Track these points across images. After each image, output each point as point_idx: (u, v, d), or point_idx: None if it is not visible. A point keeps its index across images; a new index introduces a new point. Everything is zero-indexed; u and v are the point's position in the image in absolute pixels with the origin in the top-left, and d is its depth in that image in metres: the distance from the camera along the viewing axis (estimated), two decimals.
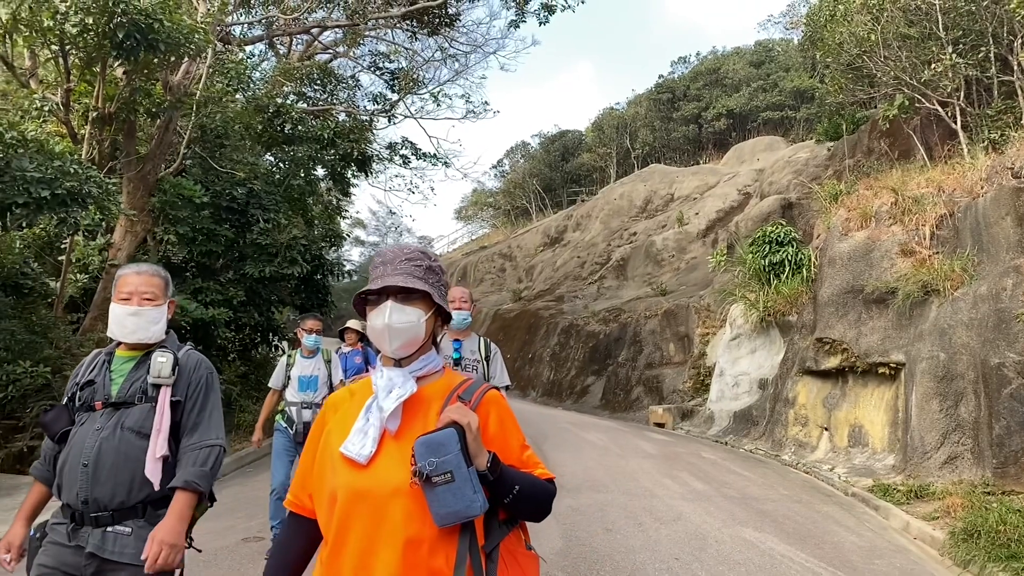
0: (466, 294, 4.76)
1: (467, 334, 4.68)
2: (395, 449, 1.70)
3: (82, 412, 2.65)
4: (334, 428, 1.82)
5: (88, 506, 2.51)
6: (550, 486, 1.84)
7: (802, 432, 12.03)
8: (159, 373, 2.65)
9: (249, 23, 14.79)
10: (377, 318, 1.78)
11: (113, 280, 2.81)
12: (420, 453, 1.59)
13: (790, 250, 14.58)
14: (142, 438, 2.57)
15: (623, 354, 20.92)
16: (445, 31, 17.43)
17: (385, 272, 1.83)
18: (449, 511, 1.57)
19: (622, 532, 6.91)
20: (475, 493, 1.59)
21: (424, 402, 1.79)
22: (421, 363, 1.84)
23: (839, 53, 14.21)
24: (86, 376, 2.72)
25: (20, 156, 7.57)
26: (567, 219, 37.18)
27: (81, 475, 2.52)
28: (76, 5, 8.36)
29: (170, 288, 2.89)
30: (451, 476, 1.57)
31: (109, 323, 2.70)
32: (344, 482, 1.69)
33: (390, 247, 1.94)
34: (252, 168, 11.85)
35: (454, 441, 1.59)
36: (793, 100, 35.46)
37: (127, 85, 9.56)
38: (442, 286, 1.91)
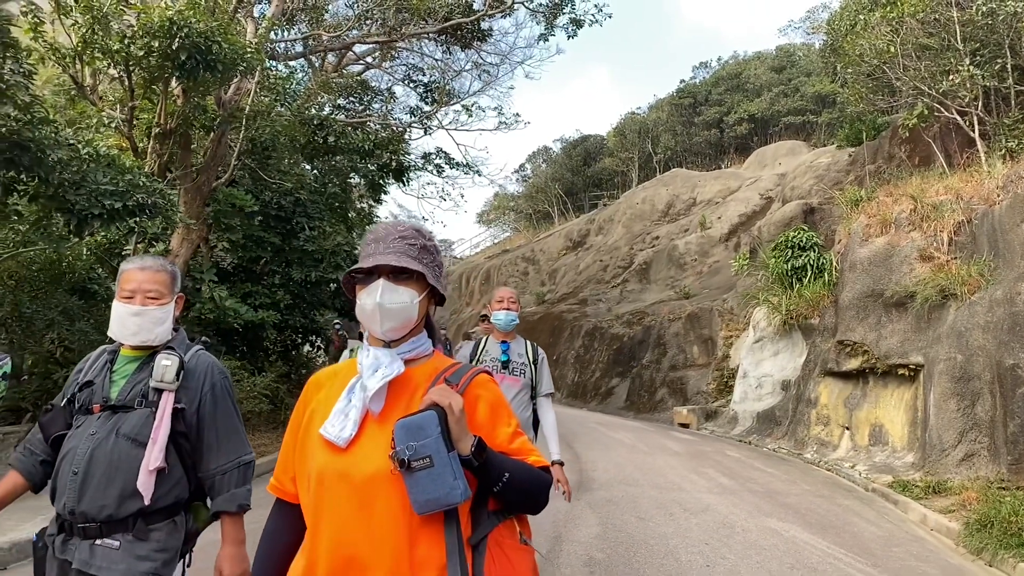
0: (514, 295, 4.59)
1: (513, 336, 4.56)
2: (377, 432, 1.63)
3: (80, 415, 2.47)
4: (317, 408, 1.75)
5: (75, 517, 2.34)
6: (544, 475, 1.74)
7: (824, 431, 12.44)
8: (162, 377, 2.45)
9: (293, 40, 15.51)
10: (367, 297, 1.69)
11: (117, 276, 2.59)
12: (399, 436, 1.52)
13: (812, 255, 14.96)
14: (137, 446, 2.37)
15: (647, 356, 21.35)
16: (477, 45, 18.04)
17: (377, 250, 1.73)
18: (428, 498, 1.50)
19: (654, 520, 7.39)
20: (456, 479, 1.50)
21: (411, 384, 1.72)
22: (411, 345, 1.76)
23: (859, 64, 14.62)
24: (87, 376, 2.54)
25: (95, 170, 8.18)
26: (589, 223, 37.59)
27: (70, 484, 2.34)
28: (142, 29, 8.97)
29: (178, 283, 2.66)
30: (430, 461, 1.49)
31: (111, 323, 2.51)
32: (322, 465, 1.63)
33: (383, 224, 1.85)
34: (298, 178, 12.51)
35: (434, 424, 1.52)
36: (814, 105, 35.67)
37: (185, 102, 10.18)
38: (437, 266, 1.81)
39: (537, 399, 4.44)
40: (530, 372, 4.42)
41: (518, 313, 4.53)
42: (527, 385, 4.38)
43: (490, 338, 4.55)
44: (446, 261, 51.72)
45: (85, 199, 8.00)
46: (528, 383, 4.39)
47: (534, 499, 1.72)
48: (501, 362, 4.38)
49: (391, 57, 18.49)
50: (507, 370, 4.35)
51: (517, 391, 4.32)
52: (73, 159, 7.89)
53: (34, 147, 7.35)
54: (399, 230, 1.77)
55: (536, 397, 4.44)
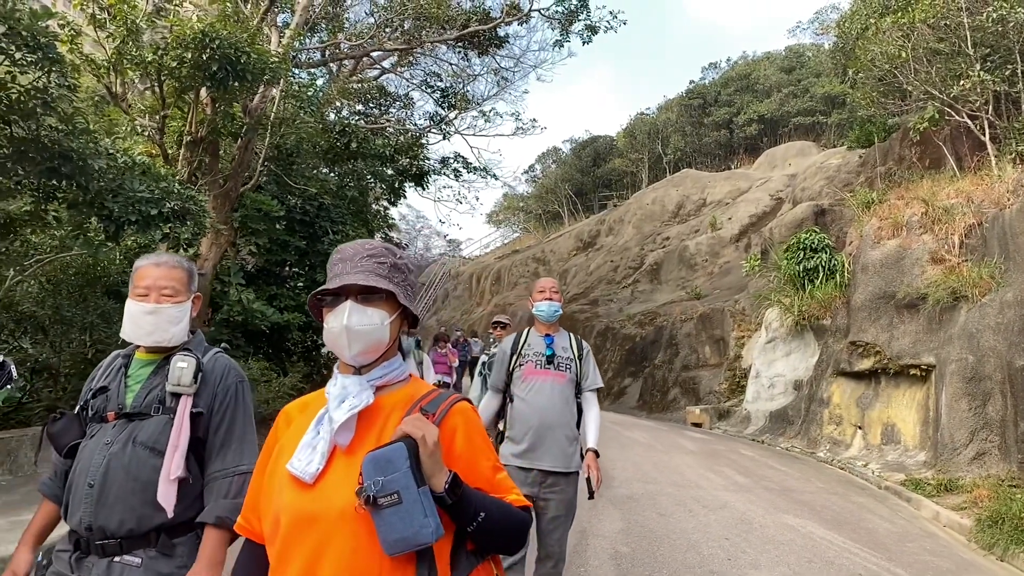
0: (556, 284, 4.40)
1: (557, 329, 4.34)
2: (346, 466, 1.53)
3: (94, 423, 2.32)
4: (286, 444, 1.65)
5: (93, 533, 2.18)
6: (523, 515, 1.65)
7: (836, 431, 12.65)
8: (179, 380, 2.31)
9: (316, 48, 15.82)
10: (334, 320, 1.60)
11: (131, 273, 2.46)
12: (367, 471, 1.42)
13: (824, 256, 15.15)
14: (156, 455, 2.23)
15: (659, 356, 21.58)
16: (493, 51, 18.32)
17: (344, 269, 1.64)
18: (397, 537, 1.40)
19: (674, 516, 7.64)
20: (426, 517, 1.40)
21: (382, 414, 1.61)
22: (382, 370, 1.66)
23: (870, 69, 14.83)
24: (100, 382, 2.40)
25: (131, 178, 8.48)
26: (600, 223, 37.82)
27: (86, 497, 2.20)
28: (176, 41, 9.26)
29: (195, 282, 2.52)
30: (398, 497, 1.39)
31: (124, 322, 2.37)
32: (287, 503, 1.53)
33: (350, 243, 1.73)
34: (321, 183, 12.82)
35: (403, 457, 1.42)
36: (824, 105, 35.83)
37: (213, 111, 10.49)
38: (409, 286, 1.72)
39: (582, 394, 4.26)
40: (575, 367, 4.21)
41: (561, 304, 4.35)
42: (572, 381, 4.19)
43: (532, 331, 4.34)
44: (455, 262, 52.41)
45: (122, 206, 8.30)
46: (573, 379, 4.20)
47: (510, 540, 1.62)
48: (546, 356, 4.16)
49: (409, 64, 18.82)
50: (552, 365, 4.14)
51: (562, 387, 4.14)
52: (111, 167, 8.19)
53: (75, 156, 7.65)
54: (367, 248, 1.68)
55: (581, 393, 4.25)
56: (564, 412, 4.10)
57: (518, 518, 1.63)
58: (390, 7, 16.05)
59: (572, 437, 4.12)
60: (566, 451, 4.05)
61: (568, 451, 4.06)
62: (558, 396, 4.10)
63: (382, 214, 20.45)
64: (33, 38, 6.83)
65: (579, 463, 4.11)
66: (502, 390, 4.28)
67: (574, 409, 4.19)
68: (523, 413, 4.10)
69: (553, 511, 4.00)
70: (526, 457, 4.02)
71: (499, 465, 1.69)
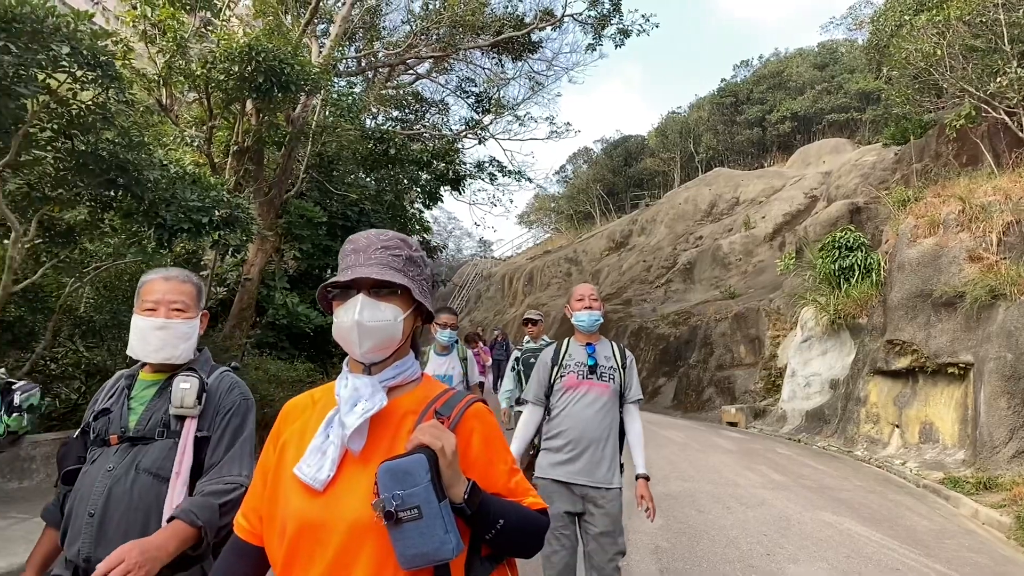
0: (595, 292, 4.27)
1: (598, 337, 4.20)
2: (358, 474, 1.45)
3: (95, 447, 2.21)
4: (290, 441, 1.57)
5: (91, 564, 2.00)
6: (542, 518, 1.59)
7: (874, 429, 12.66)
8: (181, 402, 2.19)
9: (354, 57, 16.19)
10: (345, 314, 1.51)
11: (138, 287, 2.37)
12: (383, 483, 1.35)
13: (859, 255, 15.14)
14: (160, 482, 2.12)
15: (694, 356, 21.62)
16: (527, 56, 18.56)
17: (357, 261, 1.56)
18: (416, 552, 1.34)
19: (713, 513, 7.79)
20: (447, 533, 1.35)
21: (396, 417, 1.53)
22: (395, 370, 1.57)
23: (905, 67, 14.77)
24: (103, 404, 2.29)
25: (183, 187, 8.83)
26: (632, 223, 37.83)
27: (85, 527, 2.07)
28: (223, 54, 9.61)
29: (203, 298, 2.44)
30: (419, 512, 1.33)
31: (130, 339, 2.28)
32: (296, 511, 1.45)
33: (364, 233, 1.64)
34: (362, 190, 13.16)
35: (423, 470, 1.35)
36: (859, 102, 35.49)
37: (258, 121, 10.83)
38: (424, 280, 1.64)
39: (624, 406, 4.11)
40: (619, 377, 4.06)
41: (602, 312, 4.20)
42: (616, 392, 4.04)
43: (572, 340, 4.21)
44: (487, 263, 52.68)
45: (174, 214, 8.65)
46: (617, 389, 4.05)
47: (529, 544, 1.56)
48: (588, 366, 4.02)
49: (444, 69, 19.14)
50: (595, 375, 4.01)
51: (606, 399, 3.99)
52: (164, 178, 8.54)
53: (131, 168, 8.00)
54: (382, 239, 1.59)
55: (624, 404, 4.11)
56: (607, 424, 3.97)
57: (536, 522, 1.56)
58: (426, 16, 16.38)
59: (615, 451, 3.98)
60: (611, 465, 3.92)
61: (611, 465, 3.93)
62: (601, 407, 3.97)
63: (417, 216, 20.80)
64: (94, 56, 7.17)
65: (621, 480, 3.96)
66: (543, 403, 4.11)
67: (618, 420, 4.05)
68: (564, 425, 3.96)
69: (599, 526, 3.83)
70: (567, 471, 3.89)
71: (515, 467, 1.61)
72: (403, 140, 15.18)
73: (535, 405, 4.13)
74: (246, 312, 10.94)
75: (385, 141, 14.52)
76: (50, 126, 7.61)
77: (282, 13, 12.02)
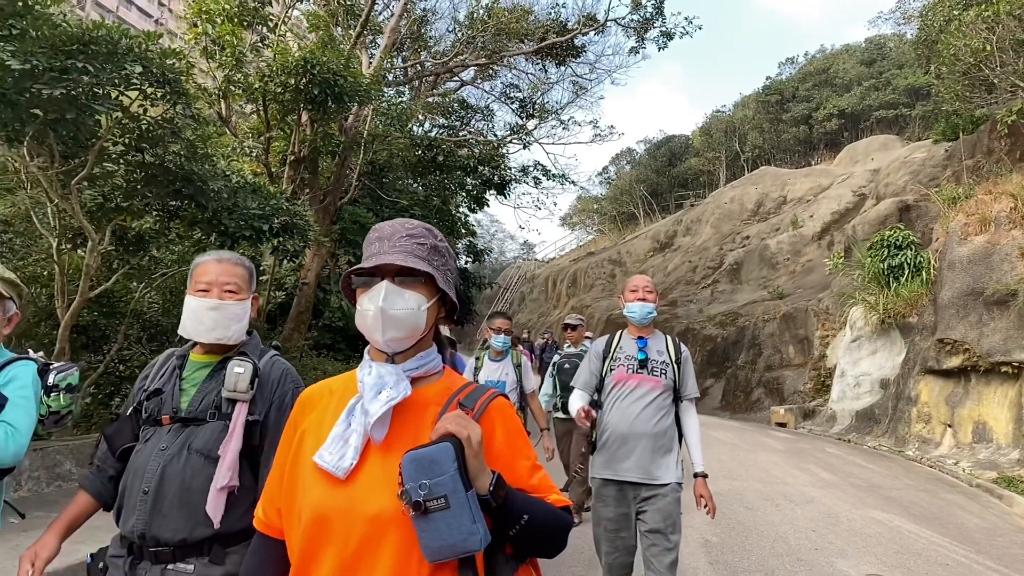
0: (650, 283, 4.08)
1: (651, 331, 4.03)
2: (380, 463, 1.43)
3: (148, 426, 2.26)
4: (309, 429, 1.55)
5: (146, 540, 2.12)
6: (566, 515, 1.55)
7: (925, 429, 12.56)
8: (235, 386, 2.23)
9: (402, 68, 16.61)
10: (369, 302, 1.49)
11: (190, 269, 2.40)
12: (409, 473, 1.32)
13: (909, 253, 15.01)
14: (211, 463, 2.16)
15: (742, 357, 21.56)
16: (570, 60, 18.75)
17: (381, 249, 1.54)
18: (443, 543, 1.32)
19: (761, 510, 7.89)
20: (474, 523, 1.33)
21: (419, 408, 1.51)
22: (418, 360, 1.55)
23: (954, 63, 14.62)
24: (155, 383, 2.32)
25: (245, 196, 9.23)
26: (677, 224, 37.72)
27: (140, 504, 2.13)
28: (280, 68, 10.01)
29: (254, 281, 2.46)
30: (446, 502, 1.31)
31: (183, 319, 2.30)
32: (316, 500, 1.43)
33: (388, 222, 1.62)
34: (411, 195, 13.52)
35: (450, 459, 1.33)
36: (908, 98, 34.93)
37: (313, 131, 11.23)
38: (449, 270, 1.62)
39: (680, 403, 3.95)
40: (672, 372, 3.91)
41: (656, 304, 4.01)
42: (668, 387, 3.89)
43: (624, 333, 4.08)
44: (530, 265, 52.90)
45: (236, 222, 9.04)
46: (670, 385, 3.90)
47: (553, 543, 1.52)
48: (639, 360, 3.89)
49: (488, 76, 19.45)
50: (645, 370, 3.87)
51: (657, 394, 3.86)
52: (226, 187, 8.95)
53: (196, 179, 8.42)
54: (407, 227, 1.57)
55: (679, 401, 3.95)
56: (657, 420, 3.82)
57: (561, 520, 1.52)
58: (471, 25, 16.70)
59: (667, 447, 3.83)
60: (660, 461, 3.77)
61: (661, 461, 3.77)
62: (651, 402, 3.83)
63: (463, 220, 21.13)
64: (163, 74, 7.59)
65: (678, 474, 3.80)
66: (593, 392, 4.00)
67: (671, 417, 3.89)
68: (614, 420, 3.85)
69: (651, 523, 3.67)
70: (616, 469, 3.79)
71: (538, 464, 1.58)
72: (450, 147, 15.50)
73: (582, 392, 4.03)
74: (304, 315, 11.34)
75: (433, 148, 14.86)
76: (122, 140, 8.06)
77: (333, 26, 12.41)
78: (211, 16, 10.35)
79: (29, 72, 6.46)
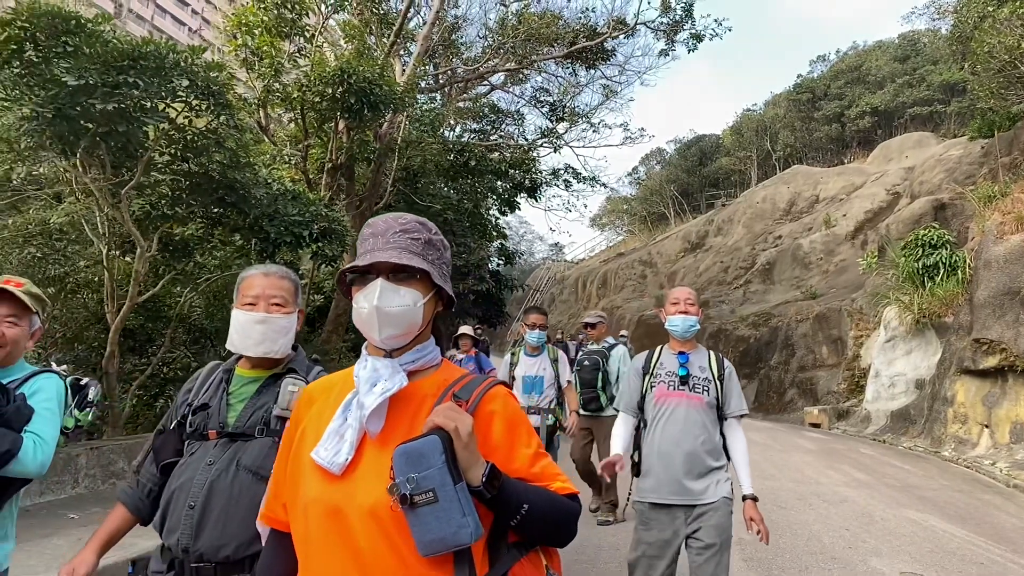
0: (693, 296, 3.92)
1: (694, 345, 3.91)
2: (377, 457, 1.42)
3: (193, 440, 2.25)
4: (309, 426, 1.55)
5: (189, 555, 2.11)
6: (571, 503, 1.53)
7: (962, 429, 12.49)
8: (289, 404, 2.20)
9: (434, 75, 16.86)
10: (364, 300, 1.48)
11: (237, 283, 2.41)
12: (399, 466, 1.33)
13: (944, 253, 14.90)
14: (260, 481, 2.12)
15: (775, 357, 21.50)
16: (600, 64, 18.87)
17: (376, 245, 1.53)
18: (433, 537, 1.31)
19: (795, 509, 7.96)
20: (464, 516, 1.32)
21: (415, 400, 1.50)
22: (415, 354, 1.55)
23: (988, 61, 14.49)
24: (200, 398, 2.31)
25: (285, 203, 9.49)
26: (708, 224, 37.59)
27: (186, 518, 2.12)
28: (317, 78, 10.26)
29: (300, 295, 2.47)
30: (434, 495, 1.30)
31: (230, 333, 2.32)
32: (315, 495, 1.44)
33: (382, 217, 1.61)
34: (445, 200, 13.77)
35: (438, 451, 1.32)
36: (943, 94, 34.46)
37: (349, 139, 11.49)
38: (444, 264, 1.62)
39: (725, 421, 3.80)
40: (715, 389, 3.77)
41: (699, 317, 3.88)
42: (711, 405, 3.76)
43: (665, 348, 3.97)
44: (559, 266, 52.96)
45: (277, 228, 9.31)
46: (713, 402, 3.76)
47: (559, 531, 1.50)
48: (679, 377, 3.76)
49: (518, 80, 19.65)
50: (686, 386, 3.75)
51: (700, 412, 3.72)
52: (267, 195, 9.21)
53: (239, 187, 8.69)
54: (401, 223, 1.56)
55: (724, 419, 3.80)
56: (702, 439, 3.68)
57: (566, 507, 1.50)
58: (502, 31, 16.91)
59: (714, 466, 3.68)
60: (707, 481, 3.63)
61: (709, 481, 3.63)
62: (694, 421, 3.70)
63: (493, 223, 21.32)
64: (208, 87, 7.87)
65: (727, 489, 3.66)
66: (637, 414, 3.87)
67: (716, 434, 3.75)
68: (657, 441, 3.72)
69: (704, 539, 3.53)
70: (660, 492, 3.65)
71: (542, 451, 1.56)
72: (482, 151, 15.71)
73: (627, 414, 3.91)
74: (342, 318, 11.59)
75: (465, 153, 15.07)
76: (168, 151, 8.36)
77: (367, 35, 12.67)
78: (250, 28, 10.66)
79: (83, 88, 6.76)
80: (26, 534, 5.76)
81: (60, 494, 6.92)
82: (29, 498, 6.62)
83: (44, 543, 5.59)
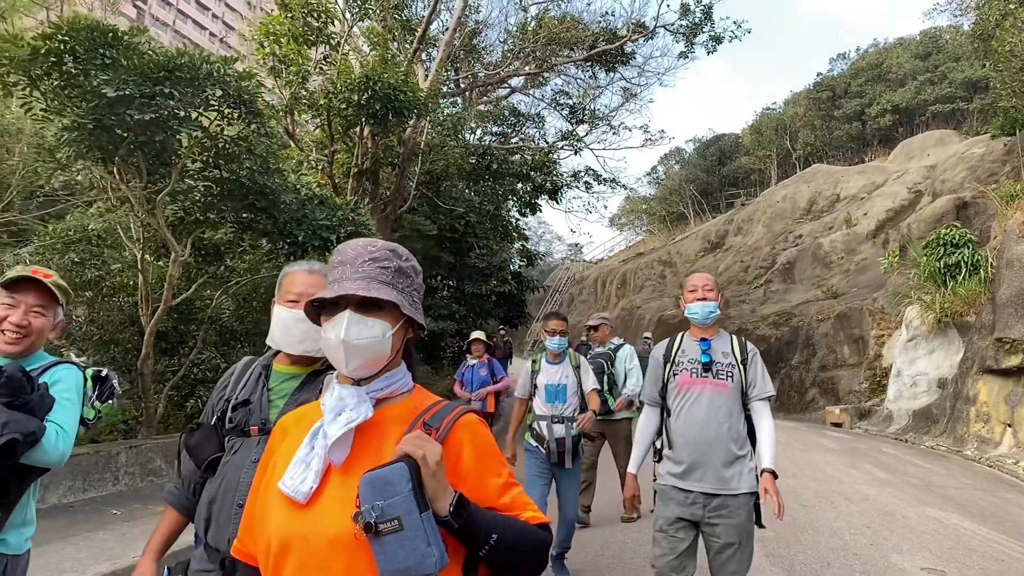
0: (710, 281, 3.87)
1: (715, 331, 3.83)
2: (341, 486, 1.41)
3: (234, 437, 2.24)
4: (280, 458, 1.53)
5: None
6: (542, 533, 1.50)
7: (984, 428, 12.49)
8: None
9: (455, 79, 17.08)
10: (331, 331, 1.47)
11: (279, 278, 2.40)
12: (364, 494, 1.31)
13: (966, 252, 14.88)
14: None
15: (796, 357, 21.50)
16: (620, 66, 19.00)
17: (344, 275, 1.50)
18: (398, 567, 1.30)
19: (816, 508, 8.06)
20: (429, 546, 1.30)
21: (382, 428, 1.48)
22: (384, 382, 1.52)
23: (1009, 60, 14.47)
24: (239, 394, 2.30)
25: (313, 208, 9.71)
26: (727, 223, 37.51)
27: (235, 517, 2.08)
28: (343, 84, 10.48)
29: None
30: (399, 523, 1.29)
31: (272, 329, 2.31)
32: (279, 525, 1.42)
33: (351, 243, 1.58)
34: (467, 203, 14.00)
35: (404, 479, 1.31)
36: (965, 91, 34.19)
37: (374, 144, 11.71)
38: (415, 291, 1.60)
39: (751, 404, 3.73)
40: (739, 374, 3.71)
41: (719, 302, 3.82)
42: (736, 390, 3.70)
43: (686, 335, 3.91)
44: (578, 266, 53.00)
45: (306, 233, 9.52)
46: (737, 387, 3.70)
47: (529, 561, 1.48)
48: (703, 364, 3.71)
49: (538, 84, 19.83)
50: (710, 373, 3.70)
51: (725, 398, 3.66)
52: (296, 200, 9.44)
53: (269, 192, 8.92)
54: (371, 250, 1.53)
55: (749, 403, 3.73)
56: (727, 426, 3.63)
57: (535, 537, 1.48)
58: (522, 35, 17.10)
59: (739, 454, 3.63)
60: (731, 470, 3.59)
61: (733, 470, 3.59)
62: (719, 408, 3.65)
63: (514, 224, 21.48)
64: (239, 96, 8.10)
65: (752, 483, 3.61)
66: (659, 404, 3.85)
67: (740, 422, 3.70)
68: (680, 428, 3.70)
69: (723, 538, 3.53)
70: (685, 478, 3.62)
71: (512, 480, 1.54)
72: (503, 154, 15.91)
73: (651, 406, 3.90)
74: None
75: (487, 156, 15.28)
76: (200, 158, 8.60)
77: (390, 42, 12.88)
78: (277, 37, 10.91)
79: (121, 99, 7.00)
80: (73, 529, 6.03)
81: (102, 491, 7.18)
82: (73, 495, 6.90)
83: (91, 537, 5.82)
